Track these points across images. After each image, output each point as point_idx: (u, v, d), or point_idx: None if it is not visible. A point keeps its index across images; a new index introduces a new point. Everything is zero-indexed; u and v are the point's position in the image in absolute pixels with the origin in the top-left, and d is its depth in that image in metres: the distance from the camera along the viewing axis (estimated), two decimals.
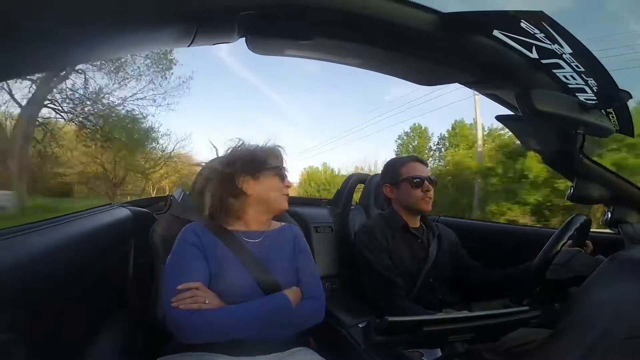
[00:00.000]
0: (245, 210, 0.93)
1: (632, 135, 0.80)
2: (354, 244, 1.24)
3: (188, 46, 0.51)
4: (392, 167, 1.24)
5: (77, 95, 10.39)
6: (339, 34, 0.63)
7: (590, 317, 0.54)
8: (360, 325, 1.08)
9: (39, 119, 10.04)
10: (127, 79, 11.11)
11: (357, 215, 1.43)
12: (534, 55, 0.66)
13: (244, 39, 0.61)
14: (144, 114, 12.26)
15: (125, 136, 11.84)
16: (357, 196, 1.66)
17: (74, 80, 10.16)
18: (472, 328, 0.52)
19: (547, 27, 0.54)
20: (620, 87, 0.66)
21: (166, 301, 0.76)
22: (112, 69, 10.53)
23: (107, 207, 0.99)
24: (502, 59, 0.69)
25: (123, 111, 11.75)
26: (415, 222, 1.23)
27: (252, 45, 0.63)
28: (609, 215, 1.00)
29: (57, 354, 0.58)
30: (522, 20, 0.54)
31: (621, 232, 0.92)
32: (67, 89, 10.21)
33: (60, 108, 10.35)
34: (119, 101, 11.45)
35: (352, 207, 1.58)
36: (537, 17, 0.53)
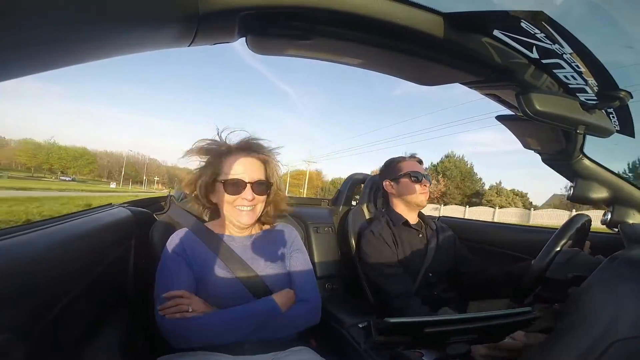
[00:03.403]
0: (222, 215, 0.91)
1: (633, 136, 0.79)
2: (361, 250, 1.24)
3: (188, 46, 0.51)
4: (392, 164, 1.29)
5: None
6: (339, 34, 0.63)
7: (590, 317, 0.54)
8: (360, 325, 1.08)
9: None
10: None
11: (357, 216, 1.43)
12: (535, 55, 0.66)
13: (244, 38, 0.61)
14: None
15: None
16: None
17: None
18: (473, 329, 0.52)
19: (548, 27, 0.54)
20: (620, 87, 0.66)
21: (156, 309, 0.78)
22: None
23: (107, 207, 0.99)
24: (503, 59, 0.69)
25: None
26: (414, 218, 1.25)
27: (253, 45, 0.63)
28: (609, 216, 1.00)
29: (57, 354, 0.58)
30: (523, 20, 0.54)
31: (621, 232, 0.91)
32: None
33: None
34: None
35: (351, 207, 1.58)
36: (538, 17, 0.52)
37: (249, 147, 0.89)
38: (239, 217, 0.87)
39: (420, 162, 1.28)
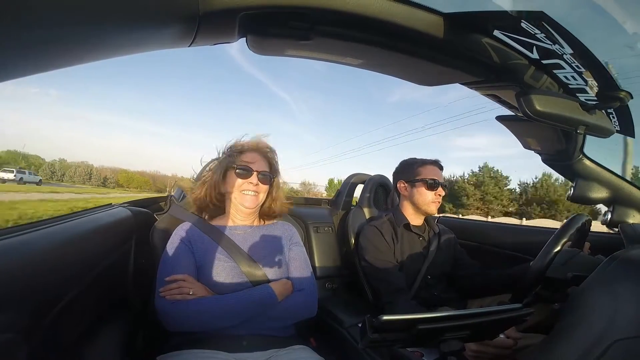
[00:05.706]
0: (227, 207, 0.99)
1: (633, 136, 0.79)
2: (359, 244, 1.24)
3: (188, 46, 0.51)
4: (411, 166, 1.25)
5: None
6: (340, 34, 0.63)
7: (590, 317, 0.54)
8: (359, 325, 1.08)
9: None
10: None
11: (357, 216, 1.43)
12: (535, 55, 0.66)
13: (244, 38, 0.61)
14: None
15: None
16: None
17: None
18: (466, 325, 0.52)
19: (548, 27, 0.54)
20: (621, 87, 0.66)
21: (157, 293, 0.81)
22: None
23: (107, 207, 0.99)
24: (503, 59, 0.69)
25: None
26: (419, 221, 1.24)
27: (253, 45, 0.63)
28: (609, 216, 1.00)
29: (57, 354, 0.58)
30: (523, 21, 0.54)
31: (621, 232, 0.91)
32: None
33: None
34: None
35: (351, 207, 1.58)
36: (538, 18, 0.52)
37: (258, 146, 1.00)
38: (243, 200, 0.94)
39: (440, 167, 1.24)
